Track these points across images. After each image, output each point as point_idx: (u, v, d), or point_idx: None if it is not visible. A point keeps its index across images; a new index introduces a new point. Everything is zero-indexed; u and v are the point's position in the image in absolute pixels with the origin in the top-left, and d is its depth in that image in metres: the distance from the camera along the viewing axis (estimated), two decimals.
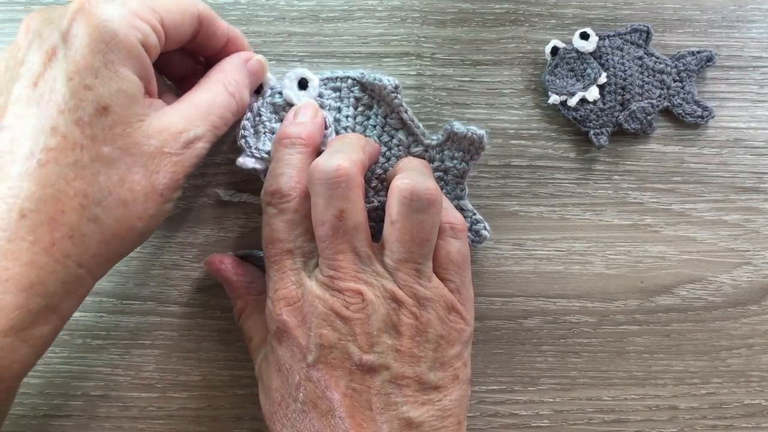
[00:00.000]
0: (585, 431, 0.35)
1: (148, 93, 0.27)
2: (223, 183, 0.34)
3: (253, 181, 0.34)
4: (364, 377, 0.27)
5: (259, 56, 0.32)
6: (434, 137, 0.32)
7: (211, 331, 0.34)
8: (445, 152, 0.32)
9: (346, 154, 0.28)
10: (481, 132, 0.31)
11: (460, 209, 0.32)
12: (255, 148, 0.32)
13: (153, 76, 0.28)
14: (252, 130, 0.33)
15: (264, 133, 0.33)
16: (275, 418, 0.28)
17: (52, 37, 0.25)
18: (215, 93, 0.29)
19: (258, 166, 0.32)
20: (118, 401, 0.34)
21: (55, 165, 0.24)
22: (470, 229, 0.33)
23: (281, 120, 0.33)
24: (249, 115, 0.33)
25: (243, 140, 0.32)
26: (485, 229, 0.33)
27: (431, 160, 0.32)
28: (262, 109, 0.33)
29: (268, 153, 0.32)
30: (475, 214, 0.33)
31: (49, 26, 0.25)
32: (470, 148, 0.31)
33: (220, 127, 0.29)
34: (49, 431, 0.34)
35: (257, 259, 0.33)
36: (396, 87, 0.32)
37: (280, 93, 0.33)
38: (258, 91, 0.33)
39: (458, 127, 0.31)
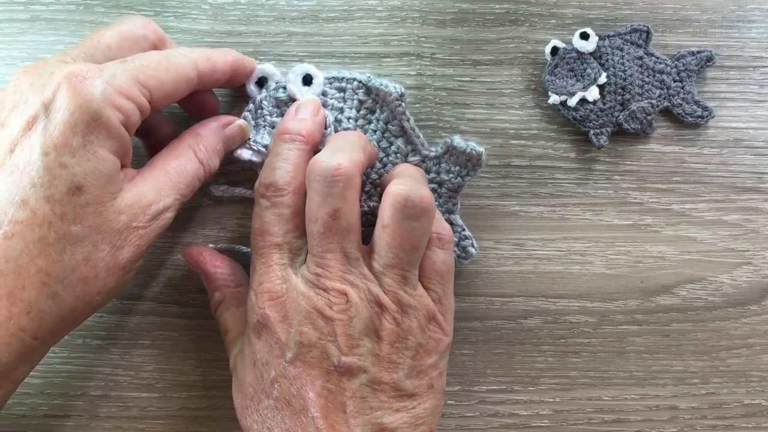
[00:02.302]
0: (585, 431, 0.35)
1: (123, 164, 0.27)
2: (220, 183, 0.34)
3: (249, 182, 0.34)
4: (340, 379, 0.27)
5: (240, 121, 0.32)
6: (433, 149, 0.32)
7: (211, 331, 0.34)
8: (442, 165, 0.32)
9: (348, 154, 0.28)
10: (481, 149, 0.31)
11: (450, 224, 0.32)
12: (253, 141, 0.32)
13: (130, 150, 0.27)
14: (252, 122, 0.33)
15: (264, 126, 0.33)
16: (246, 413, 0.28)
17: (35, 106, 0.25)
18: (186, 160, 0.29)
19: (255, 158, 0.32)
20: (118, 401, 0.34)
21: (20, 239, 0.24)
22: (458, 245, 0.33)
23: (282, 114, 0.33)
24: (251, 106, 0.33)
25: None
26: (472, 246, 0.33)
27: (427, 171, 0.32)
28: (264, 102, 0.33)
29: (266, 147, 0.32)
30: (464, 230, 0.33)
31: (34, 93, 0.25)
32: (468, 163, 0.32)
33: (187, 195, 0.29)
34: (49, 431, 0.34)
35: (238, 254, 0.33)
36: (401, 95, 0.32)
37: (284, 87, 0.33)
38: (261, 84, 0.33)
39: (458, 141, 0.31)
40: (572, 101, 0.34)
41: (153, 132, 0.32)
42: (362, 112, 0.33)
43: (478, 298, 0.35)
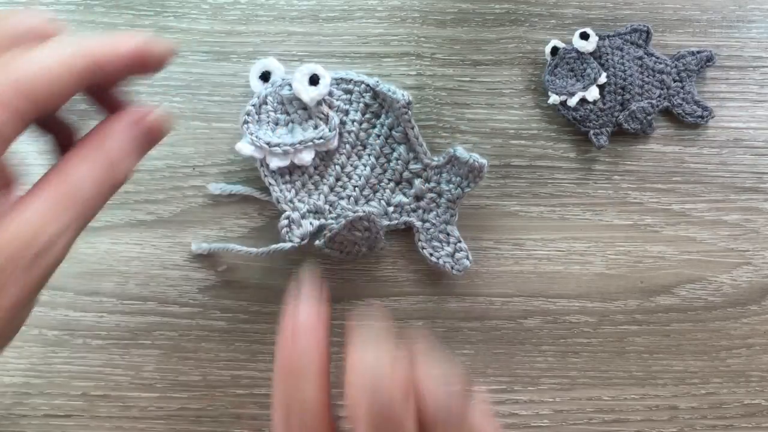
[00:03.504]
0: (585, 431, 0.35)
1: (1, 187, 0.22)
2: (219, 182, 0.34)
3: (248, 181, 0.34)
4: None
5: (159, 111, 0.24)
6: (435, 158, 0.32)
7: (211, 331, 0.34)
8: (443, 175, 0.32)
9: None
10: (483, 161, 0.31)
11: (447, 234, 0.32)
12: (256, 136, 0.32)
13: (4, 167, 0.22)
14: (256, 116, 0.33)
15: (267, 122, 0.33)
16: None
17: None
18: (85, 170, 0.23)
19: (256, 154, 0.32)
20: (118, 401, 0.34)
21: None
22: (452, 257, 0.33)
23: (286, 112, 0.33)
24: (255, 101, 0.33)
25: (245, 125, 0.32)
26: (467, 258, 0.33)
27: (428, 180, 0.32)
28: (269, 98, 0.33)
29: (268, 143, 0.32)
30: (460, 241, 0.33)
31: None
32: (469, 175, 0.32)
33: (91, 210, 0.23)
34: (49, 431, 0.34)
35: (231, 253, 0.33)
36: (408, 103, 0.32)
37: (290, 85, 0.33)
38: (266, 78, 0.33)
39: (461, 152, 0.31)
40: (572, 101, 0.34)
41: (59, 136, 0.26)
42: (367, 115, 0.33)
43: (478, 298, 0.35)
